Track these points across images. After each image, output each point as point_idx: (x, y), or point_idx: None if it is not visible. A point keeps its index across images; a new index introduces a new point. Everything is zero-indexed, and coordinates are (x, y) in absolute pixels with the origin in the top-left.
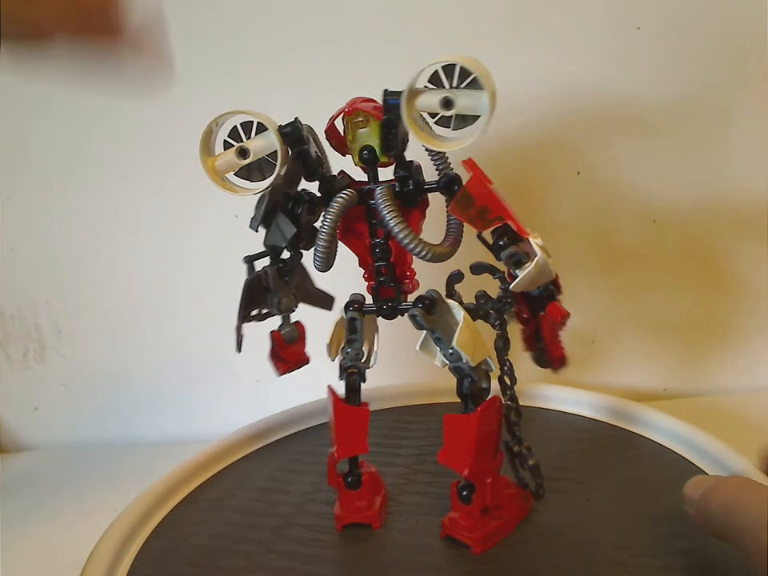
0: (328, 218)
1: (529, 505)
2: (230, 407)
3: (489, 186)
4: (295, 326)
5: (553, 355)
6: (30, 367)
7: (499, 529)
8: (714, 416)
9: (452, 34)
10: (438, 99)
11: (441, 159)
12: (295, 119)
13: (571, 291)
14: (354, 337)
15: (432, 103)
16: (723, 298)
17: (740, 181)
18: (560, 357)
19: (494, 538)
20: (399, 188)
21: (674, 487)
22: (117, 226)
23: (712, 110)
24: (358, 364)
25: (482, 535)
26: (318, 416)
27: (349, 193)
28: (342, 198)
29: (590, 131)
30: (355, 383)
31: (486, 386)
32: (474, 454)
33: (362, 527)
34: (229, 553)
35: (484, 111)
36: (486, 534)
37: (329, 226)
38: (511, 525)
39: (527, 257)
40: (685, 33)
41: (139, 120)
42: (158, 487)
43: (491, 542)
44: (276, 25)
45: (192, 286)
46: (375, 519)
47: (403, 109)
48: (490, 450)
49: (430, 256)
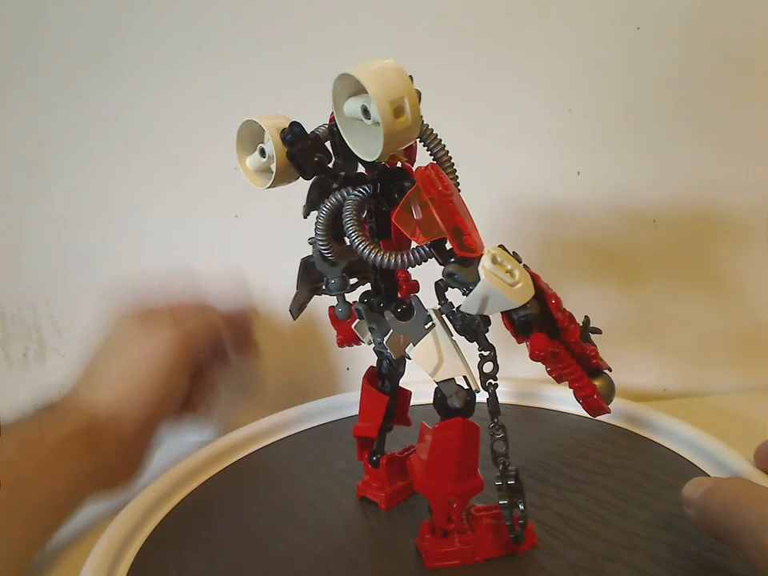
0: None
1: (512, 545)
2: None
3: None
4: (348, 306)
5: (576, 395)
6: (30, 367)
7: (460, 553)
8: (714, 416)
9: (452, 34)
10: (359, 106)
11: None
12: (291, 123)
13: (571, 291)
14: (370, 326)
15: (355, 111)
16: (723, 297)
17: (740, 181)
18: (585, 397)
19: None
20: (372, 192)
21: (673, 487)
22: (117, 227)
23: (712, 110)
24: (384, 352)
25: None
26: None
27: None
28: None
29: (590, 131)
30: (381, 368)
31: (458, 405)
32: (426, 468)
33: (373, 504)
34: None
35: (377, 120)
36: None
37: (319, 223)
38: (479, 555)
39: (469, 278)
40: (685, 33)
41: (141, 122)
42: (159, 486)
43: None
44: (282, 33)
45: (192, 286)
46: (383, 501)
47: (336, 116)
48: (450, 470)
49: (385, 262)
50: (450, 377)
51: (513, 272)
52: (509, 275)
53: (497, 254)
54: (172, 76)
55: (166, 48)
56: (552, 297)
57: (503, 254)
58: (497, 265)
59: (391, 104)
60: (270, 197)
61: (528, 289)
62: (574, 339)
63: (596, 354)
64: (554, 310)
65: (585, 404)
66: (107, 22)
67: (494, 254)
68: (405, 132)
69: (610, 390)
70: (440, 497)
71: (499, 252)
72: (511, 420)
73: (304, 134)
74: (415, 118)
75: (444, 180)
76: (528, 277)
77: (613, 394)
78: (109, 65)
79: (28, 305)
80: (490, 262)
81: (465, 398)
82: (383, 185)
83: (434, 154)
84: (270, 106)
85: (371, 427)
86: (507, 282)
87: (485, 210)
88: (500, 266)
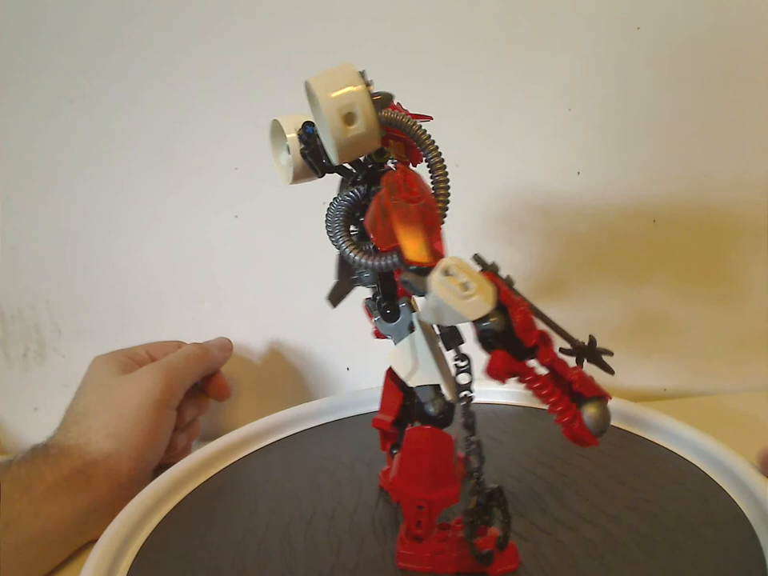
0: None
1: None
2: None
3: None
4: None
5: (556, 420)
6: (30, 367)
7: (432, 560)
8: (714, 416)
9: (452, 34)
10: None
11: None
12: (304, 123)
13: (571, 291)
14: (376, 321)
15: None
16: (723, 297)
17: (740, 181)
18: (564, 423)
19: (420, 562)
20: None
21: (673, 488)
22: (117, 227)
23: (712, 110)
24: None
25: (408, 552)
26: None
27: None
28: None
29: (590, 131)
30: None
31: (431, 410)
32: (398, 470)
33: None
34: (232, 552)
35: (323, 129)
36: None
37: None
38: (450, 567)
39: (422, 287)
40: (685, 32)
41: (141, 122)
42: (159, 486)
43: (415, 565)
44: (284, 33)
45: (192, 286)
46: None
47: (314, 118)
48: (419, 476)
49: (361, 263)
50: (425, 383)
51: (467, 285)
52: (461, 287)
53: (451, 266)
54: (172, 76)
55: (166, 48)
56: (518, 314)
57: (460, 266)
58: (448, 276)
59: (339, 111)
60: (270, 197)
61: (482, 304)
62: (544, 361)
63: (578, 380)
64: (518, 328)
65: (565, 431)
66: (107, 22)
67: (446, 265)
68: (359, 139)
69: (601, 419)
70: (409, 501)
71: (456, 263)
72: (512, 419)
73: (315, 133)
74: (370, 125)
75: (414, 186)
76: (488, 291)
77: (605, 424)
78: (109, 64)
79: (28, 305)
80: (439, 273)
81: (441, 407)
82: (368, 186)
83: (428, 159)
84: (271, 105)
85: (386, 421)
86: (458, 295)
87: (484, 211)
88: (452, 277)
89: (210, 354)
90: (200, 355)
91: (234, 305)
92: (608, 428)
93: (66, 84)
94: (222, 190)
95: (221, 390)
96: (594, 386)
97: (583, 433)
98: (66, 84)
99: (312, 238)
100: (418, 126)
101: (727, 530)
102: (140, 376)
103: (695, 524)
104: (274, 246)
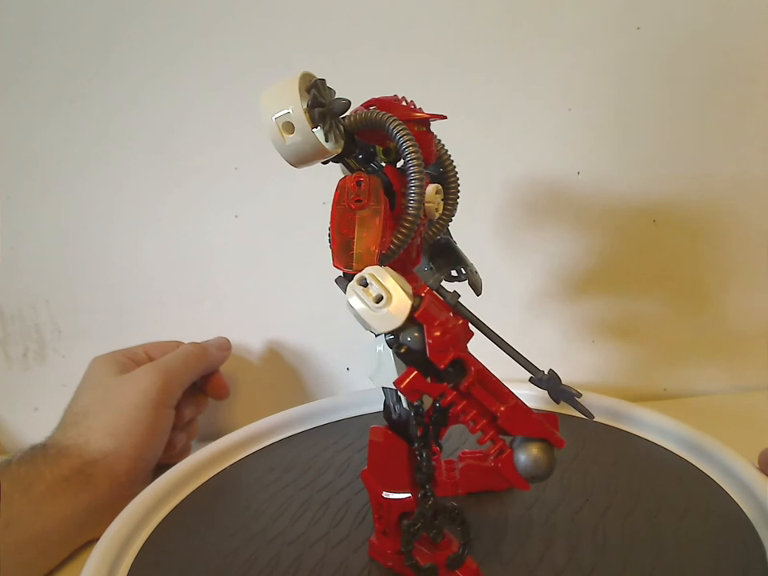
0: None
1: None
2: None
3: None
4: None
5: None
6: (30, 367)
7: (393, 558)
8: (714, 416)
9: (452, 34)
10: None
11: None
12: None
13: (570, 291)
14: None
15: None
16: (723, 297)
17: (740, 181)
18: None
19: (386, 558)
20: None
21: (673, 487)
22: (117, 227)
23: (712, 110)
24: None
25: (377, 545)
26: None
27: None
28: None
29: (590, 131)
30: None
31: (393, 415)
32: (368, 462)
33: None
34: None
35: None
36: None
37: None
38: (407, 572)
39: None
40: (685, 32)
41: (141, 122)
42: (160, 486)
43: (381, 559)
44: (284, 32)
45: (192, 286)
46: None
47: None
48: (378, 474)
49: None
50: (386, 385)
51: (381, 297)
52: (374, 300)
53: (368, 277)
54: (172, 76)
55: (166, 48)
56: (433, 334)
57: (380, 278)
58: (363, 287)
59: (277, 120)
60: (270, 197)
61: (392, 319)
62: (462, 387)
63: (504, 415)
64: (430, 348)
65: (494, 461)
66: (107, 22)
67: (363, 276)
68: (298, 147)
69: (532, 464)
70: (373, 495)
71: (375, 274)
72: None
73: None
74: (305, 135)
75: (363, 194)
76: (401, 307)
77: (538, 471)
78: (109, 64)
79: (28, 305)
80: (355, 282)
81: (400, 412)
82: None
83: (444, 168)
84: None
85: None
86: (370, 307)
87: (484, 210)
88: (367, 289)
89: (208, 353)
90: (198, 354)
91: (234, 305)
92: (545, 475)
93: (66, 84)
94: (222, 190)
95: (219, 389)
96: (529, 425)
97: (508, 472)
98: (66, 84)
99: (312, 238)
100: (398, 131)
101: (727, 529)
102: (137, 375)
103: (695, 524)
104: (274, 246)
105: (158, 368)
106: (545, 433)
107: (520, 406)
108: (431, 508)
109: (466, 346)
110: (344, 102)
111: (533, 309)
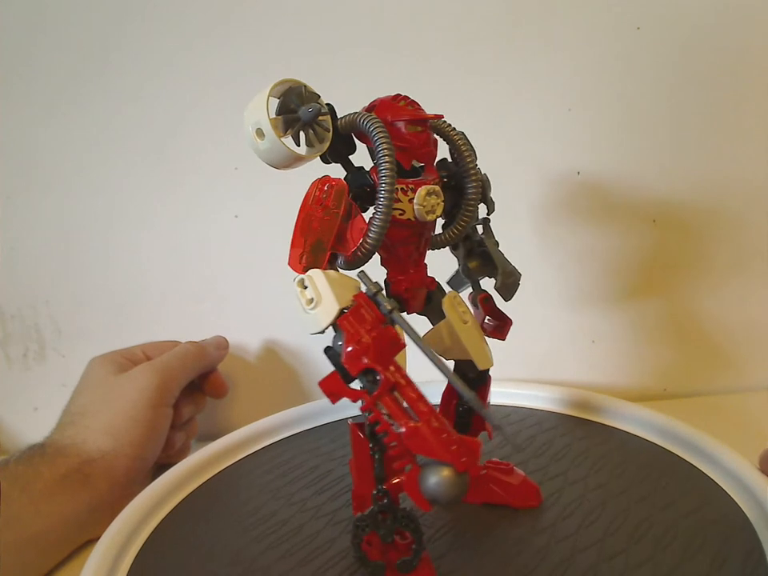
0: None
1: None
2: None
3: (305, 210)
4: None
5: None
6: (30, 367)
7: (364, 546)
8: (714, 416)
9: (452, 34)
10: None
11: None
12: None
13: (570, 291)
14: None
15: None
16: (723, 297)
17: (740, 180)
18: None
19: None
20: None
21: (673, 487)
22: (117, 227)
23: (712, 110)
24: None
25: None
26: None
27: None
28: None
29: (590, 131)
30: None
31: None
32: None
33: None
34: (232, 551)
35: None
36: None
37: None
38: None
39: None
40: (685, 33)
41: (141, 123)
42: (160, 486)
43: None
44: (284, 33)
45: (192, 286)
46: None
47: None
48: (359, 470)
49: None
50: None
51: (312, 300)
52: (307, 302)
53: (306, 279)
54: (172, 76)
55: (166, 48)
56: (349, 342)
57: (316, 281)
58: (301, 288)
59: (252, 126)
60: (270, 197)
61: (317, 322)
62: (370, 397)
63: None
64: (344, 355)
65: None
66: (107, 22)
67: (302, 278)
68: (270, 152)
69: (435, 487)
70: (359, 497)
71: (313, 277)
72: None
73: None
74: (272, 141)
75: (326, 197)
76: (326, 312)
77: (442, 495)
78: (109, 65)
79: (28, 305)
80: (296, 283)
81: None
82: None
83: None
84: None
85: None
86: (303, 308)
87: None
88: (304, 291)
89: (205, 352)
90: (195, 353)
91: (234, 305)
92: (447, 500)
93: (67, 84)
94: (222, 190)
95: (218, 387)
96: (431, 447)
97: (410, 489)
98: (67, 84)
99: None
100: (374, 130)
101: (727, 529)
102: (135, 375)
103: (695, 524)
104: (274, 246)
105: (155, 367)
106: (447, 456)
107: (431, 425)
108: (382, 507)
109: (387, 357)
110: (312, 110)
111: (532, 309)
